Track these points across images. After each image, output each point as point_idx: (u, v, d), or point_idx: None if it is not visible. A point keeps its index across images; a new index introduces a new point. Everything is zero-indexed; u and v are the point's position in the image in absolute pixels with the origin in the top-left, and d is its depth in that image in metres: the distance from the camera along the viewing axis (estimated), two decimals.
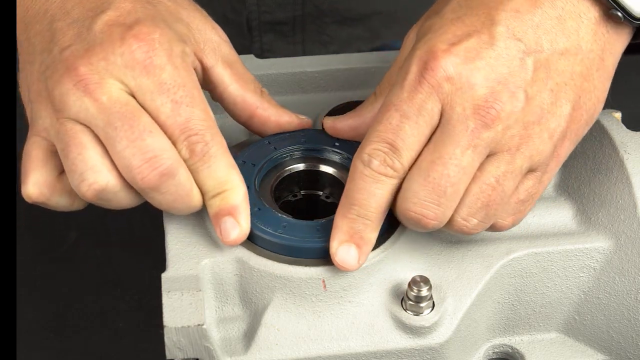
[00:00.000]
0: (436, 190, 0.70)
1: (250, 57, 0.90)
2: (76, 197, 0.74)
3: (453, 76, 0.70)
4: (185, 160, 0.72)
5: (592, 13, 0.73)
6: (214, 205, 0.73)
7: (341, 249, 0.72)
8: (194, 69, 0.76)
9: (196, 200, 0.73)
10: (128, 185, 0.72)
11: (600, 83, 0.74)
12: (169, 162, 0.71)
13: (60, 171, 0.74)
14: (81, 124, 0.71)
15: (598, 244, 0.78)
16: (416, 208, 0.71)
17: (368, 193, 0.71)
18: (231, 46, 0.80)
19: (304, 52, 1.16)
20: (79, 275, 0.98)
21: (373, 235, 0.73)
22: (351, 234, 0.72)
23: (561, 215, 0.80)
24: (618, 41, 0.75)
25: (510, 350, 0.81)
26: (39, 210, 1.03)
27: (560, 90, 0.72)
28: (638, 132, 0.81)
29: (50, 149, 0.74)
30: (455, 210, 0.71)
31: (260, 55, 1.14)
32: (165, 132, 0.71)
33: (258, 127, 0.81)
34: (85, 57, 0.71)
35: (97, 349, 0.93)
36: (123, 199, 0.73)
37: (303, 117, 0.81)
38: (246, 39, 1.14)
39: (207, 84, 0.79)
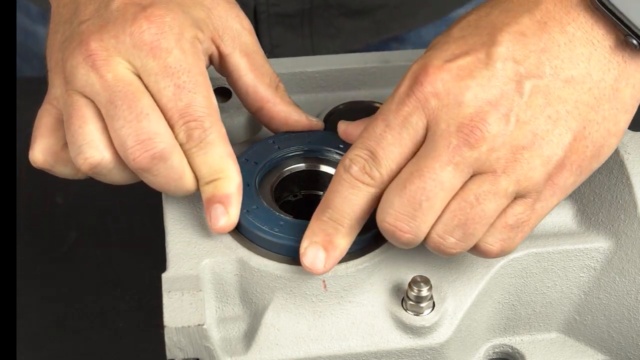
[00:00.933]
0: (411, 202, 0.69)
1: None
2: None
3: (440, 92, 0.69)
4: (182, 145, 0.73)
5: (607, 41, 0.70)
6: (207, 192, 0.74)
7: (309, 250, 0.72)
8: (210, 55, 0.77)
9: (189, 184, 0.74)
10: (123, 163, 0.73)
11: (611, 115, 0.71)
12: (161, 146, 0.71)
13: (66, 141, 0.75)
14: (87, 97, 0.73)
15: (598, 244, 0.78)
16: (390, 219, 0.70)
17: (343, 198, 0.71)
18: (254, 36, 0.80)
19: (312, 47, 1.16)
20: (79, 275, 0.98)
21: (344, 242, 0.72)
22: (321, 237, 0.72)
23: (561, 215, 0.80)
24: (638, 71, 0.71)
25: (510, 350, 0.81)
26: (39, 210, 1.03)
27: (560, 118, 0.70)
28: (638, 132, 0.81)
29: (59, 118, 0.75)
30: (432, 227, 0.70)
31: (270, 50, 1.14)
32: (165, 115, 0.72)
33: (266, 121, 0.81)
34: (98, 33, 0.73)
35: (97, 349, 0.92)
36: (117, 176, 0.74)
37: (313, 118, 0.81)
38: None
39: (223, 70, 0.80)
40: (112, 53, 0.72)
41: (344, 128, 0.79)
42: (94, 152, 0.72)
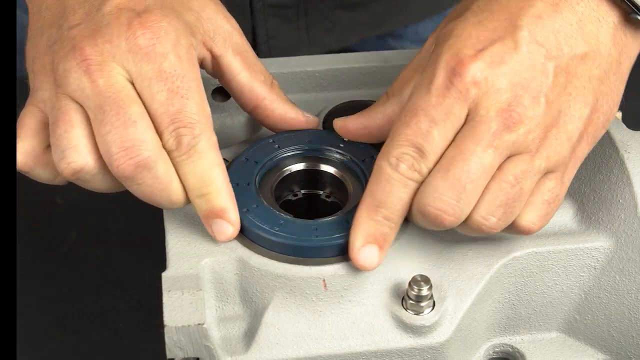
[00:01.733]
0: (456, 186, 0.71)
1: None
2: (59, 173, 0.75)
3: (480, 81, 0.71)
4: (170, 152, 0.72)
5: (612, 17, 0.74)
6: (201, 207, 0.74)
7: (366, 250, 0.73)
8: (203, 58, 0.77)
9: (176, 195, 0.73)
10: (107, 170, 0.73)
11: (616, 86, 0.75)
12: (146, 154, 0.71)
13: (48, 144, 0.74)
14: (76, 102, 0.72)
15: (598, 244, 0.78)
16: (435, 203, 0.71)
17: (396, 197, 0.72)
18: (243, 36, 0.80)
19: (309, 39, 1.16)
20: (79, 275, 0.98)
21: (394, 236, 0.74)
22: (376, 236, 0.73)
23: (562, 214, 0.80)
24: (635, 44, 0.76)
25: (510, 350, 0.81)
26: (39, 210, 1.03)
27: (579, 94, 0.73)
28: (638, 132, 0.81)
29: (43, 120, 0.75)
30: (474, 209, 0.72)
31: (266, 41, 1.14)
32: (156, 121, 0.72)
33: (263, 119, 0.81)
34: (92, 38, 0.72)
35: (97, 349, 0.93)
36: (100, 183, 0.74)
37: (310, 115, 0.82)
38: (248, 22, 1.14)
39: (217, 72, 0.80)
40: (106, 58, 0.72)
41: (342, 124, 0.80)
42: (77, 157, 0.72)
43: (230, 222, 0.74)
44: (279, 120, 0.81)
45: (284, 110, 0.81)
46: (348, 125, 0.80)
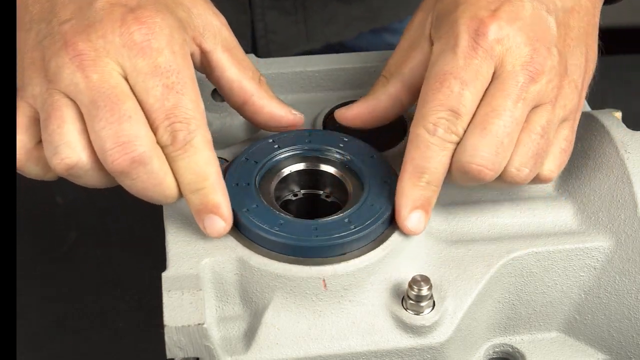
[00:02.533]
0: (494, 141, 0.73)
1: (251, 57, 0.90)
2: (50, 168, 0.75)
3: (502, 38, 0.74)
4: (165, 147, 0.72)
5: None
6: (194, 202, 0.74)
7: (413, 216, 0.75)
8: (192, 54, 0.77)
9: (170, 190, 0.73)
10: (100, 166, 0.73)
11: (595, 35, 0.81)
12: (141, 149, 0.71)
13: (39, 140, 0.74)
14: (69, 98, 0.72)
15: (598, 243, 0.78)
16: (476, 160, 0.73)
17: (436, 161, 0.74)
18: (231, 32, 0.81)
19: (307, 33, 1.16)
20: (79, 275, 0.98)
21: (435, 200, 0.76)
22: (421, 201, 0.75)
23: (561, 214, 0.80)
24: None
25: (510, 350, 0.81)
26: (39, 210, 1.04)
27: (575, 44, 0.78)
28: (638, 132, 0.81)
29: (34, 116, 0.74)
30: (509, 161, 0.74)
31: (264, 35, 1.14)
32: (150, 117, 0.72)
33: (250, 115, 0.81)
34: (85, 34, 0.72)
35: (97, 349, 0.93)
36: (93, 178, 0.74)
37: (297, 112, 0.82)
38: (247, 16, 1.14)
39: (206, 67, 0.80)
40: (100, 53, 0.72)
41: (344, 112, 0.82)
42: (70, 153, 0.72)
43: (223, 218, 0.74)
44: (268, 117, 0.81)
45: (272, 107, 0.81)
46: (353, 113, 0.81)
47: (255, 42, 1.16)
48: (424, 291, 0.73)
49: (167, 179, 0.73)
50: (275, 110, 0.81)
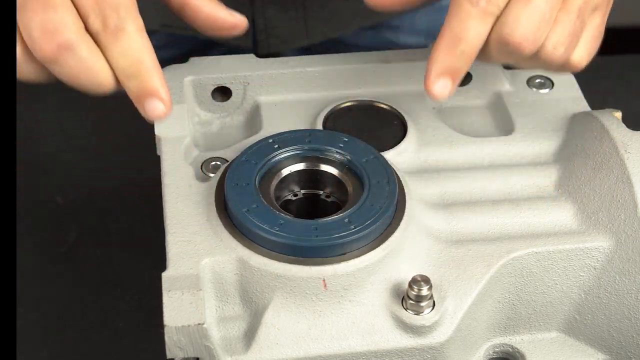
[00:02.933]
0: (537, 14, 0.73)
1: (251, 57, 0.91)
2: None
3: None
4: (97, 34, 0.73)
5: None
6: (132, 88, 0.74)
7: (440, 81, 0.75)
8: None
9: (102, 77, 0.73)
10: (32, 57, 0.73)
11: None
12: (67, 35, 0.71)
13: None
14: None
15: (598, 243, 0.78)
16: (517, 32, 0.73)
17: (475, 31, 0.74)
18: None
19: (306, 28, 1.16)
20: (79, 275, 0.98)
21: (464, 74, 0.76)
22: (452, 69, 0.75)
23: (561, 214, 0.80)
24: None
25: (510, 350, 0.81)
26: (39, 210, 1.03)
27: None
28: (638, 132, 0.81)
29: None
30: (546, 38, 0.75)
31: (264, 30, 1.14)
32: (81, 9, 0.72)
33: (190, 19, 0.80)
34: None
35: (97, 349, 0.92)
36: (29, 72, 0.74)
37: (237, 14, 0.81)
38: (248, 12, 1.14)
39: None
40: None
41: None
42: None
43: (162, 101, 0.74)
44: (207, 19, 0.80)
45: (211, 9, 0.80)
46: None
47: (255, 37, 1.16)
48: (424, 291, 0.73)
49: (97, 65, 0.73)
50: (215, 13, 0.80)
